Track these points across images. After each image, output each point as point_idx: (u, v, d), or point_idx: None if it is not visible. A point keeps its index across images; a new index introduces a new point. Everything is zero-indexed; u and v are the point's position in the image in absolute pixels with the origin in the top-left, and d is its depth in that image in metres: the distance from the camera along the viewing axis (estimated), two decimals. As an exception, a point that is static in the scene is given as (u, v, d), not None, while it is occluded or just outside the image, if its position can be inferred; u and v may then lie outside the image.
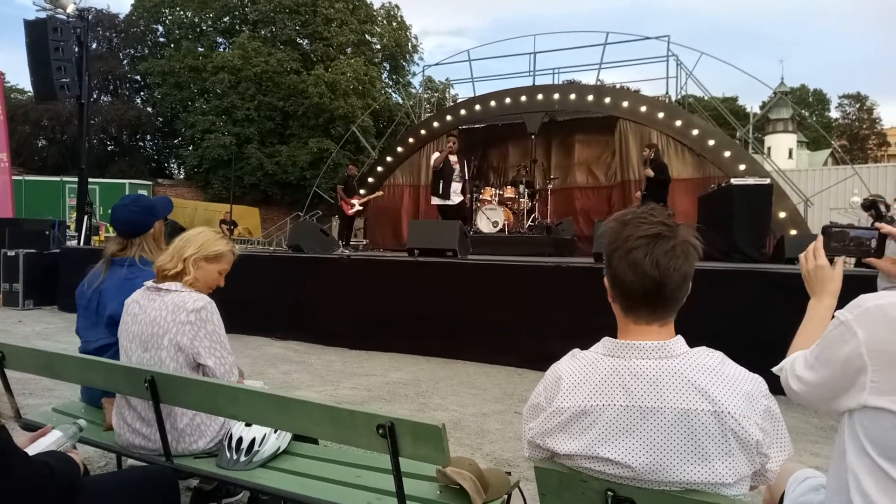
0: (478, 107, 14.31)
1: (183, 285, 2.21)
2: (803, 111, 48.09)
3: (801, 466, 1.62)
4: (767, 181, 9.07)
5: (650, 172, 9.33)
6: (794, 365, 1.35)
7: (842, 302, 1.31)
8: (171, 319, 2.13)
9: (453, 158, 9.89)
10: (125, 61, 34.18)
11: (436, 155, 9.98)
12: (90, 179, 13.40)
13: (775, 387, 1.34)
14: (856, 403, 1.17)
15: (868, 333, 1.15)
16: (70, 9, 11.60)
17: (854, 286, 1.40)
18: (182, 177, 34.17)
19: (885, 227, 1.56)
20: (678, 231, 1.27)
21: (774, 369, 1.42)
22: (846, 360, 1.17)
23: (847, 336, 1.18)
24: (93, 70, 16.47)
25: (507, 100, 13.84)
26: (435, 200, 10.04)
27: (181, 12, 33.41)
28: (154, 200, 2.81)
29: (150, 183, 27.11)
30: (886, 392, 1.12)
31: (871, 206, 3.75)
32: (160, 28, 34.18)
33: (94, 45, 30.28)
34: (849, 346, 1.17)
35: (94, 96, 31.19)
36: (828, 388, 1.24)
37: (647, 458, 1.21)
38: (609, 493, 1.25)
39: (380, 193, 13.89)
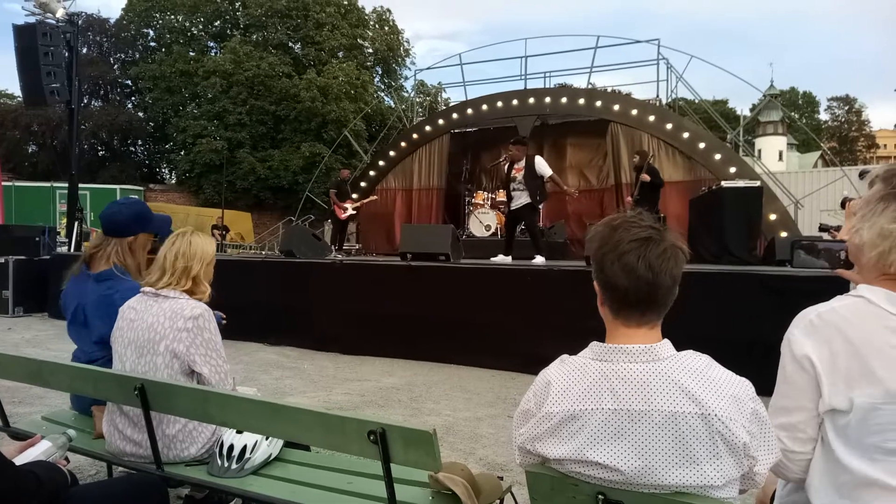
0: (470, 111, 14.34)
1: (189, 297, 2.23)
2: (793, 114, 48.45)
3: None
4: (758, 183, 9.14)
5: (647, 177, 9.37)
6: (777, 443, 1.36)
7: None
8: (168, 326, 2.12)
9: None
10: (116, 66, 34.07)
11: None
12: (81, 185, 13.34)
13: (762, 389, 1.35)
14: (822, 408, 1.28)
15: (812, 343, 1.28)
16: (60, 13, 11.56)
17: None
18: (173, 182, 34.07)
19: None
20: (666, 234, 1.29)
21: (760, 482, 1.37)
22: (802, 371, 1.30)
23: (798, 350, 1.31)
24: (83, 75, 16.42)
25: (499, 103, 13.89)
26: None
27: (172, 17, 33.35)
28: (151, 213, 2.75)
29: (141, 188, 27.00)
30: (838, 387, 1.25)
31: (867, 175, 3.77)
32: (151, 32, 34.10)
33: (84, 50, 30.22)
34: (802, 359, 1.29)
35: (85, 101, 31.08)
36: (804, 412, 1.33)
37: (636, 462, 1.21)
38: (599, 496, 1.25)
39: (374, 198, 13.89)
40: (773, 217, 10.75)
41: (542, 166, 7.91)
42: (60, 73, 11.30)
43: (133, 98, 35.12)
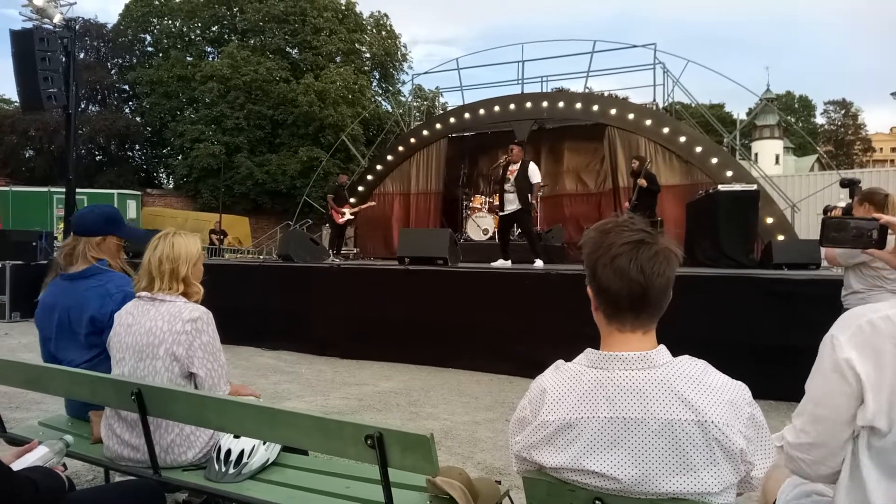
0: (467, 115, 14.36)
1: (186, 300, 2.23)
2: (789, 117, 48.61)
3: (794, 475, 1.63)
4: (754, 187, 9.16)
5: (644, 182, 9.39)
6: (790, 430, 1.33)
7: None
8: (167, 329, 2.13)
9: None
10: (113, 71, 34.02)
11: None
12: (78, 190, 13.32)
13: (760, 393, 1.35)
14: (859, 422, 1.17)
15: (859, 349, 1.16)
16: (57, 19, 11.57)
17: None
18: (171, 186, 33.99)
19: (885, 218, 1.54)
20: (658, 237, 1.29)
21: (776, 442, 1.35)
22: (842, 377, 1.18)
23: (840, 354, 1.18)
24: (80, 80, 16.39)
25: (496, 108, 13.90)
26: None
27: (169, 22, 33.35)
28: (122, 221, 2.74)
29: (139, 193, 26.94)
30: (881, 400, 1.13)
31: (849, 184, 3.78)
32: (148, 37, 34.07)
33: (81, 55, 30.16)
34: (844, 364, 1.17)
35: (82, 106, 31.01)
36: (827, 418, 1.23)
37: (633, 470, 1.21)
38: (596, 502, 1.25)
39: (372, 203, 13.89)
40: (769, 220, 10.77)
41: (535, 173, 7.98)
42: (58, 78, 11.29)
43: (130, 103, 35.06)
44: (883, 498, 1.14)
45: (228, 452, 2.06)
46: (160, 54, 32.74)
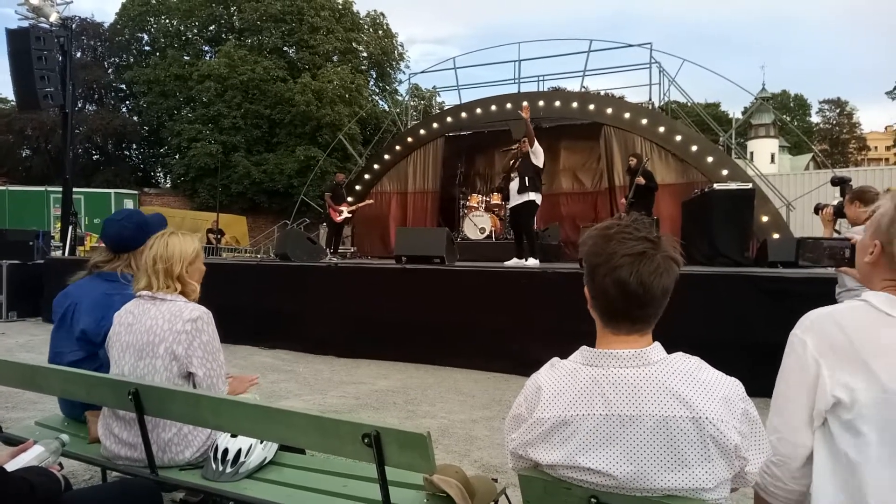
0: (464, 114, 14.38)
1: (186, 300, 2.24)
2: (785, 116, 48.70)
3: None
4: (750, 186, 9.19)
5: (642, 180, 9.40)
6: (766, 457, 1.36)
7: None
8: (167, 328, 2.13)
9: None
10: (110, 70, 33.96)
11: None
12: (75, 189, 13.30)
13: (755, 391, 1.36)
14: (825, 404, 1.26)
15: (813, 340, 1.30)
16: (53, 17, 11.53)
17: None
18: (168, 186, 33.96)
19: (855, 238, 1.62)
20: (661, 245, 1.28)
21: (753, 484, 1.38)
22: (804, 365, 1.31)
23: (799, 347, 1.32)
24: (77, 79, 16.36)
25: (493, 107, 13.92)
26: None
27: (166, 21, 33.30)
28: (149, 218, 2.76)
29: (136, 192, 26.94)
30: (838, 378, 1.25)
31: (839, 182, 3.83)
32: (145, 37, 34.02)
33: (78, 54, 30.12)
34: (804, 355, 1.30)
35: (79, 105, 30.97)
36: (799, 414, 1.32)
37: (628, 467, 1.22)
38: (592, 500, 1.26)
39: (370, 202, 13.90)
40: (765, 219, 10.81)
41: (538, 153, 7.80)
42: (54, 77, 11.26)
43: (127, 102, 35.01)
44: (858, 469, 1.21)
45: (226, 451, 2.06)
46: (157, 53, 32.70)
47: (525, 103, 8.64)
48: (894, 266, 1.32)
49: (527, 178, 7.68)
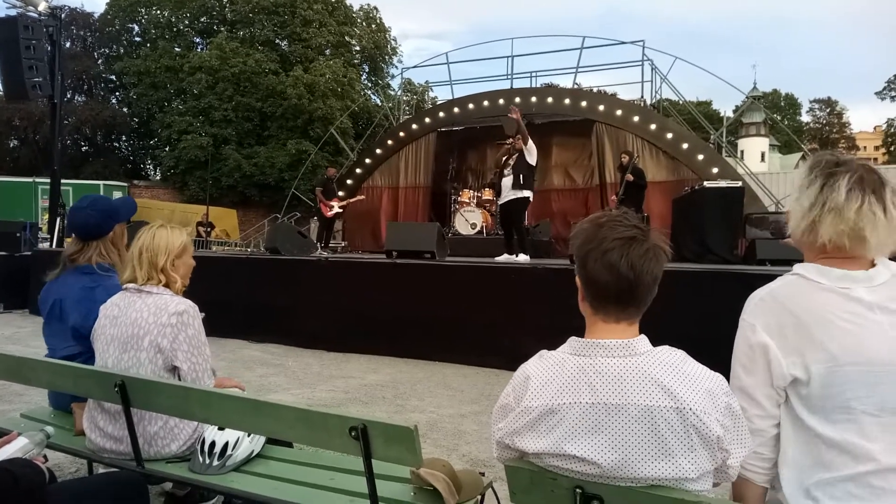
0: (456, 109, 14.36)
1: (172, 292, 2.22)
2: (775, 115, 48.93)
3: None
4: (739, 184, 9.24)
5: (631, 177, 9.44)
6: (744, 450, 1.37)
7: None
8: (152, 321, 2.12)
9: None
10: (100, 61, 33.68)
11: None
12: (63, 180, 13.19)
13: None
14: (782, 381, 1.36)
15: (761, 321, 1.39)
16: (42, 7, 11.41)
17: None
18: (158, 178, 33.74)
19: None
20: (650, 234, 1.32)
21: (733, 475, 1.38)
22: (755, 348, 1.39)
23: (749, 330, 1.41)
24: (66, 69, 16.21)
25: (485, 102, 13.92)
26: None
27: (157, 12, 33.03)
28: (116, 203, 2.73)
29: (125, 184, 26.70)
30: (792, 356, 1.34)
31: None
32: (136, 27, 33.75)
33: (67, 44, 29.84)
34: (753, 337, 1.39)
35: (68, 96, 30.68)
36: (763, 390, 1.39)
37: (612, 455, 1.23)
38: (577, 489, 1.27)
39: (361, 197, 13.87)
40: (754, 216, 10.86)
41: (532, 152, 7.82)
42: (43, 68, 11.16)
43: (117, 93, 34.74)
44: (824, 439, 1.31)
45: (213, 444, 2.06)
46: (148, 45, 32.43)
47: (513, 106, 8.66)
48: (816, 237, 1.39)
49: (521, 175, 7.68)
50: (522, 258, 7.63)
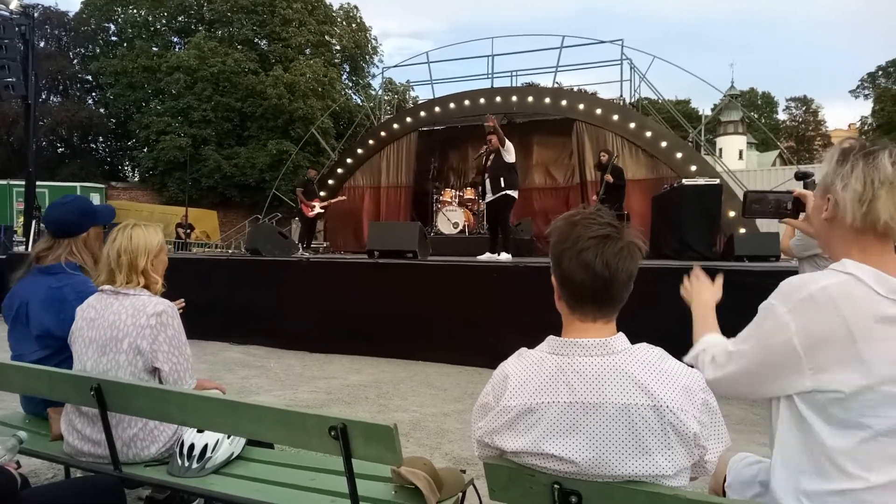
0: (437, 109, 14.36)
1: (150, 294, 2.20)
2: (752, 114, 49.59)
3: (738, 452, 1.69)
4: (717, 181, 9.36)
5: (610, 178, 9.51)
6: (714, 355, 1.45)
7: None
8: (131, 323, 2.09)
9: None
10: (75, 61, 33.17)
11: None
12: (39, 183, 12.97)
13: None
14: (794, 389, 1.28)
15: (800, 323, 1.25)
16: (13, 5, 11.21)
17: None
18: (136, 179, 33.32)
19: (798, 191, 1.68)
20: (625, 231, 1.32)
21: (686, 359, 1.49)
22: (780, 348, 1.28)
23: (780, 327, 1.28)
24: (40, 69, 15.93)
25: (466, 102, 13.93)
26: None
27: (134, 11, 32.61)
28: (96, 206, 2.71)
29: (102, 186, 26.31)
30: (822, 371, 1.23)
31: (802, 176, 3.98)
32: (112, 27, 33.28)
33: (41, 44, 29.37)
34: (783, 336, 1.27)
35: (43, 97, 30.22)
36: (758, 375, 1.34)
37: (590, 453, 1.24)
38: (555, 486, 1.28)
39: (343, 198, 13.81)
40: (732, 214, 10.99)
41: (509, 151, 7.84)
42: (16, 67, 10.97)
43: (94, 94, 34.23)
44: (832, 451, 1.24)
45: (192, 447, 2.04)
46: (125, 44, 31.98)
47: (489, 115, 8.73)
48: (843, 224, 1.33)
49: (501, 178, 7.72)
50: (504, 257, 7.66)
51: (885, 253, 1.30)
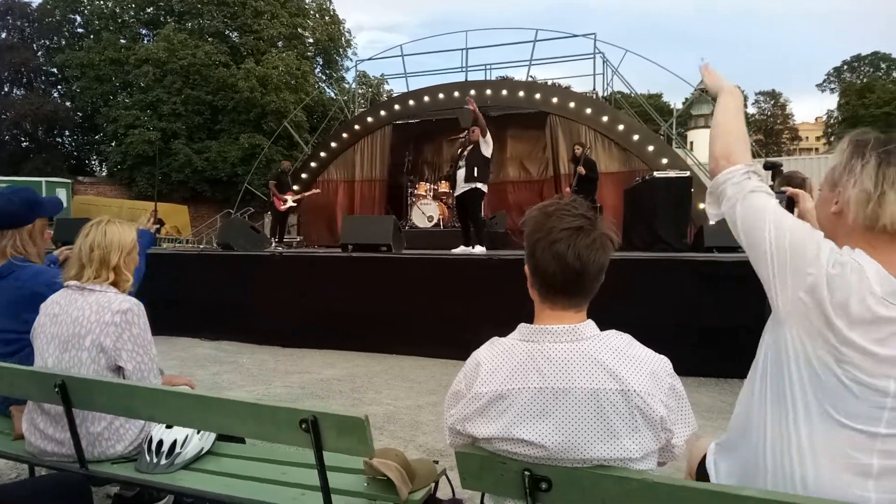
0: (411, 102, 14.31)
1: (117, 290, 2.16)
2: (723, 107, 50.13)
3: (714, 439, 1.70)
4: (687, 174, 9.47)
5: (583, 170, 9.57)
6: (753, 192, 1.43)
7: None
8: (94, 320, 2.05)
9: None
10: (40, 53, 32.24)
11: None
12: (2, 178, 12.67)
13: (691, 370, 1.41)
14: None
15: (829, 282, 1.24)
16: (-27, -5, 10.87)
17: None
18: (104, 174, 32.59)
19: (791, 190, 1.69)
20: (598, 223, 1.34)
21: (724, 172, 1.49)
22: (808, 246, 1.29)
23: (819, 262, 1.26)
24: (2, 61, 15.48)
25: (441, 95, 13.90)
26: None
27: (101, 2, 31.78)
28: (42, 198, 2.68)
29: (69, 181, 25.67)
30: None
31: (771, 167, 4.07)
32: (78, 18, 32.38)
33: (3, 35, 28.57)
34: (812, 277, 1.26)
35: (6, 89, 29.42)
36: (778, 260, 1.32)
37: (559, 438, 1.25)
38: (526, 472, 1.29)
39: (316, 190, 13.69)
40: (702, 206, 11.15)
41: (487, 144, 7.82)
42: (-24, 59, 10.64)
43: (59, 87, 33.32)
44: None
45: (160, 443, 2.01)
46: (91, 36, 31.17)
47: (469, 97, 8.67)
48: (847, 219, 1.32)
49: (475, 168, 7.69)
50: (479, 250, 7.66)
51: (893, 252, 1.28)
